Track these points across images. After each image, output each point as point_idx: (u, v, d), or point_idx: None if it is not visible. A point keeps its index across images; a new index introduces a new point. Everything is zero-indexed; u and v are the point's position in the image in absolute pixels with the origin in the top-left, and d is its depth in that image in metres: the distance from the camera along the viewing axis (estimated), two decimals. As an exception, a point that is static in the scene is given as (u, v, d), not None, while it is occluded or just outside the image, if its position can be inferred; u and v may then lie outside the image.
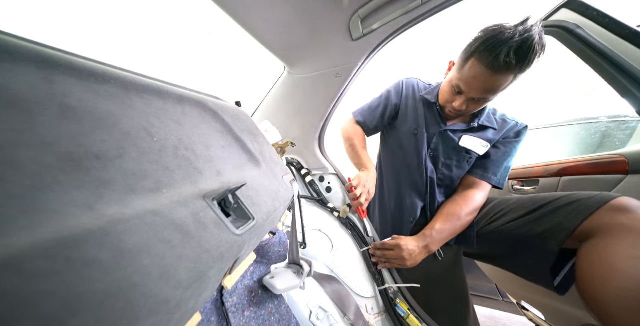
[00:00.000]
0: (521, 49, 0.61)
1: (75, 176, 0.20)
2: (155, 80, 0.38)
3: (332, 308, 0.81)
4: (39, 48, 0.24)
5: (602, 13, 0.72)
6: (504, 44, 0.62)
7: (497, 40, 0.63)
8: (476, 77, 0.69)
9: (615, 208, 0.58)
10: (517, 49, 0.61)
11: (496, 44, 0.63)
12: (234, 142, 0.49)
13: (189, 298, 0.25)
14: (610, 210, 0.58)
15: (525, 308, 1.02)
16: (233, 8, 0.82)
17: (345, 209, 1.09)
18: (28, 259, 0.15)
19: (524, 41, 0.61)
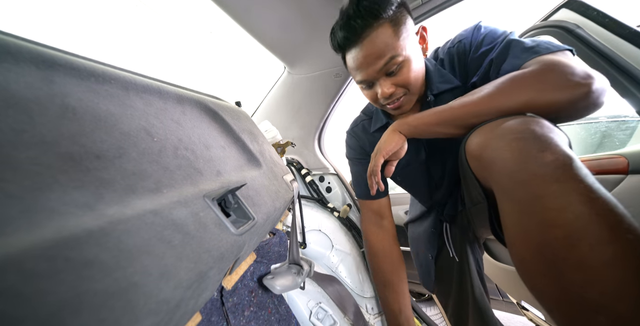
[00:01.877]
0: (351, 17, 0.55)
1: (75, 176, 0.20)
2: (155, 80, 0.38)
3: (332, 308, 0.81)
4: (39, 48, 0.24)
5: (602, 13, 0.72)
6: (344, 21, 0.57)
7: (340, 25, 0.58)
8: (356, 59, 0.59)
9: (471, 157, 0.47)
10: (353, 17, 0.55)
11: (342, 25, 0.57)
12: (234, 142, 0.49)
13: (189, 298, 0.26)
14: (471, 160, 0.47)
15: (525, 308, 1.02)
16: (233, 8, 0.82)
17: (345, 209, 1.09)
18: (28, 259, 0.15)
19: (347, 14, 0.56)
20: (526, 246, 0.37)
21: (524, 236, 0.38)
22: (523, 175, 0.37)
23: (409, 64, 0.58)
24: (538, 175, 0.36)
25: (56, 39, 1.60)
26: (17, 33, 0.24)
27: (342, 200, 1.17)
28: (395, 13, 0.55)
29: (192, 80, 2.47)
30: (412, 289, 1.70)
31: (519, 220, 0.38)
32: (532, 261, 0.37)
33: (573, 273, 0.31)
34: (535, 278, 0.37)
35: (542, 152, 0.37)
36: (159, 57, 2.28)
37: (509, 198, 0.40)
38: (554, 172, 0.35)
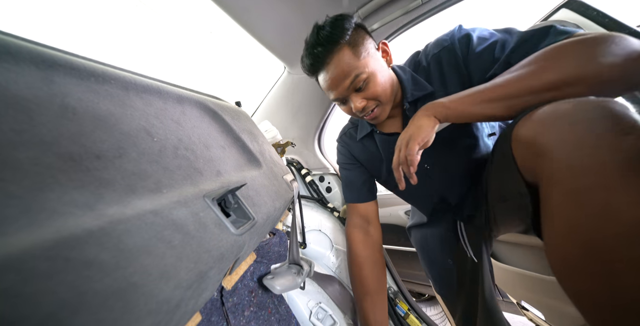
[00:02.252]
0: (313, 46, 0.61)
1: (75, 176, 0.20)
2: (155, 80, 0.38)
3: (332, 308, 0.81)
4: (39, 48, 0.24)
5: (602, 13, 0.72)
6: (308, 51, 0.63)
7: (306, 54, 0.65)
8: (325, 81, 0.64)
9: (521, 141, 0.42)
10: (314, 45, 0.61)
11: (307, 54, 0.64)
12: (234, 142, 0.49)
13: (189, 298, 0.25)
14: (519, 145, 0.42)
15: (525, 308, 1.02)
16: (233, 8, 0.82)
17: (345, 209, 1.09)
18: (28, 259, 0.15)
19: (310, 44, 0.63)
20: (576, 242, 0.33)
21: (575, 230, 0.33)
22: (588, 161, 0.32)
23: (374, 78, 0.61)
24: (610, 162, 0.31)
25: (56, 39, 1.60)
26: (17, 33, 0.24)
27: (342, 200, 1.17)
28: (352, 36, 0.60)
29: (192, 80, 2.47)
30: (412, 289, 1.70)
31: (572, 212, 0.34)
32: (581, 259, 0.33)
33: (628, 276, 0.28)
34: (581, 278, 0.33)
35: (624, 135, 0.31)
36: (159, 57, 2.28)
37: (563, 188, 0.35)
38: (632, 160, 0.30)
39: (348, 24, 0.61)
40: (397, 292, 1.00)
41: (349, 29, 0.60)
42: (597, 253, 0.31)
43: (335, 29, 0.60)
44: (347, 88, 0.62)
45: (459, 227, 0.82)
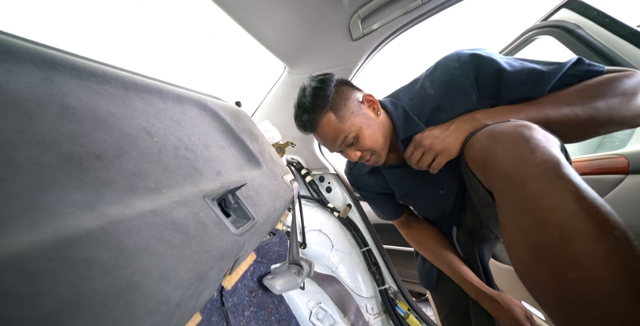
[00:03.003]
0: (300, 112, 0.69)
1: (76, 176, 0.20)
2: (155, 80, 0.38)
3: (332, 308, 0.81)
4: (39, 48, 0.24)
5: (602, 13, 0.72)
6: (295, 116, 0.72)
7: (295, 120, 0.73)
8: (319, 141, 0.72)
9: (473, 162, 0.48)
10: (300, 113, 0.69)
11: (297, 121, 0.72)
12: (234, 142, 0.49)
13: (189, 298, 0.25)
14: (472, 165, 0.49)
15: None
16: (233, 8, 0.82)
17: (345, 209, 1.09)
18: (28, 259, 0.15)
19: (298, 107, 0.70)
20: (524, 245, 0.38)
21: (521, 235, 0.39)
22: (518, 176, 0.39)
23: (362, 134, 0.65)
24: (531, 175, 0.38)
25: (56, 39, 1.60)
26: (17, 33, 0.24)
27: (342, 200, 1.17)
28: (334, 100, 0.64)
29: (192, 80, 2.47)
30: (412, 289, 1.70)
31: (516, 220, 0.39)
32: (529, 260, 0.37)
33: (570, 271, 0.32)
34: (533, 277, 0.37)
35: (532, 154, 0.39)
36: (159, 57, 2.28)
37: (507, 199, 0.41)
38: (545, 172, 0.37)
39: (328, 89, 0.65)
40: (397, 292, 1.00)
41: (329, 95, 0.64)
42: (542, 254, 0.35)
43: (316, 99, 0.65)
44: (339, 146, 0.68)
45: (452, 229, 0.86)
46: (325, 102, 0.64)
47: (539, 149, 0.39)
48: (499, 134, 0.45)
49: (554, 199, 0.35)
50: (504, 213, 0.42)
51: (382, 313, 0.97)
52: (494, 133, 0.46)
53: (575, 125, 0.52)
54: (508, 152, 0.41)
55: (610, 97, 0.50)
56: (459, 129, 0.57)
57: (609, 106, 0.49)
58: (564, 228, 0.33)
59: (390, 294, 0.97)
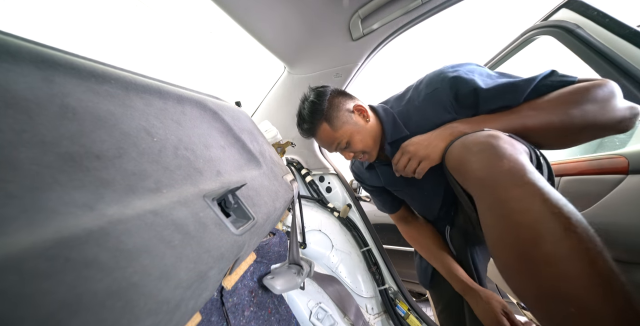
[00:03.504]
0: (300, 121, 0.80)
1: (76, 176, 0.20)
2: (155, 80, 0.38)
3: (332, 308, 0.81)
4: (39, 48, 0.24)
5: (602, 13, 0.72)
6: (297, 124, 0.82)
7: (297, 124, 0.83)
8: (319, 144, 0.84)
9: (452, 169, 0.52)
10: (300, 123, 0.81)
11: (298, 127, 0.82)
12: (234, 142, 0.49)
13: (189, 298, 0.25)
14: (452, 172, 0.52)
15: (525, 308, 1.02)
16: (233, 8, 0.82)
17: (345, 209, 1.09)
18: (28, 259, 0.15)
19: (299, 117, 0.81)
20: (502, 247, 0.41)
21: (499, 237, 0.42)
22: (489, 182, 0.42)
23: (353, 139, 0.75)
24: (500, 181, 0.41)
25: (56, 39, 1.60)
26: (17, 33, 0.24)
27: (342, 200, 1.17)
28: (327, 112, 0.75)
29: (192, 80, 2.47)
30: (411, 289, 1.70)
31: (493, 223, 0.42)
32: (508, 260, 0.40)
33: (544, 268, 0.35)
34: (514, 276, 0.40)
35: (500, 161, 0.42)
36: (159, 57, 2.28)
37: (483, 204, 0.44)
38: (512, 179, 0.40)
39: (323, 104, 0.75)
40: (397, 292, 1.00)
41: (324, 108, 0.75)
42: (518, 255, 0.38)
43: (312, 112, 0.76)
44: (335, 149, 0.80)
45: (446, 229, 0.91)
46: (320, 114, 0.75)
47: (505, 157, 0.42)
48: (471, 144, 0.48)
49: (523, 202, 0.38)
50: (482, 217, 0.45)
51: (382, 313, 0.97)
52: (467, 143, 0.50)
53: (552, 131, 0.56)
54: (479, 161, 0.45)
55: (583, 104, 0.53)
56: (441, 137, 0.63)
57: (582, 113, 0.53)
58: (534, 228, 0.36)
59: (390, 294, 0.97)
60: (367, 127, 0.77)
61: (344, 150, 0.79)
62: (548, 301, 0.34)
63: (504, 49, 1.02)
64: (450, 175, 0.55)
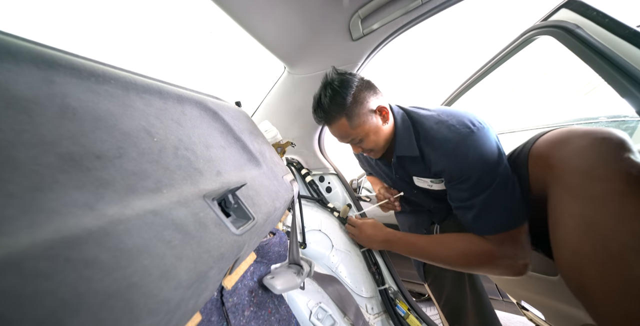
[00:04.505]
0: (317, 107, 0.75)
1: (76, 176, 0.20)
2: (155, 80, 0.38)
3: (332, 308, 0.81)
4: (39, 48, 0.24)
5: (602, 13, 0.72)
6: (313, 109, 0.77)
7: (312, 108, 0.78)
8: (330, 132, 0.81)
9: (538, 156, 0.53)
10: (315, 109, 0.76)
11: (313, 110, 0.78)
12: (234, 142, 0.49)
13: (189, 298, 0.25)
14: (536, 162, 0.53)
15: (525, 308, 1.02)
16: (233, 8, 0.82)
17: (345, 209, 1.09)
18: (28, 259, 0.15)
19: (316, 103, 0.75)
20: (588, 238, 0.39)
21: (588, 228, 0.40)
22: (605, 171, 0.40)
23: (367, 139, 0.75)
24: (622, 173, 0.39)
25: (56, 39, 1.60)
26: (17, 33, 0.24)
27: (342, 200, 1.17)
28: (349, 107, 0.70)
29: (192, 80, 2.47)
30: (411, 289, 1.70)
31: (583, 212, 0.41)
32: (592, 253, 0.38)
33: None
34: (590, 270, 0.38)
35: (627, 153, 0.40)
36: (159, 57, 2.28)
37: (576, 193, 0.42)
38: (636, 174, 0.38)
39: (347, 97, 0.69)
40: (397, 292, 1.00)
41: (347, 103, 0.70)
42: (610, 248, 0.36)
43: (333, 103, 0.70)
44: (346, 142, 0.80)
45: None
46: (342, 108, 0.70)
47: (632, 152, 0.42)
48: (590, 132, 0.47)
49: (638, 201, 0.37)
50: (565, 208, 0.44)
51: (382, 313, 0.97)
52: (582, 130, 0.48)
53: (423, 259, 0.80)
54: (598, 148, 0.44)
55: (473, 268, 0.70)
56: (379, 241, 0.91)
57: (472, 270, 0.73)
58: None
59: (390, 294, 0.97)
60: (383, 128, 0.76)
61: (354, 145, 0.80)
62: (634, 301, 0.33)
63: (504, 49, 1.02)
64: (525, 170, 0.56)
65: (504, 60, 1.04)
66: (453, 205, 0.70)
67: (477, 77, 1.16)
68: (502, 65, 1.07)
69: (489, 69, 1.10)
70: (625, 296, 0.34)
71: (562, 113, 3.13)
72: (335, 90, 0.70)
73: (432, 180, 0.78)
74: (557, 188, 0.46)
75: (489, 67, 1.09)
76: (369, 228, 0.94)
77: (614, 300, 0.35)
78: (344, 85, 0.70)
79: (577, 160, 0.44)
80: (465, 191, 0.64)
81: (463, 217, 0.68)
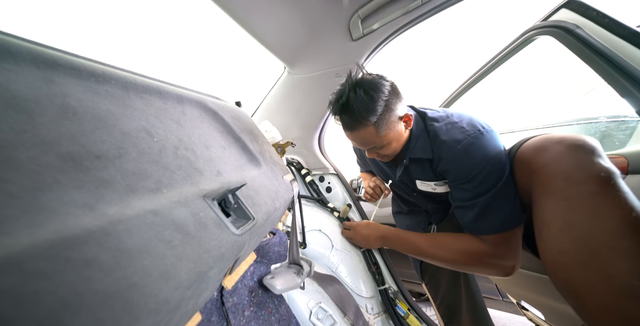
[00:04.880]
0: (344, 110, 0.66)
1: (76, 176, 0.20)
2: (155, 80, 0.38)
3: (332, 308, 0.81)
4: (39, 48, 0.24)
5: (602, 13, 0.72)
6: (336, 110, 0.68)
7: (333, 107, 0.69)
8: (347, 136, 0.74)
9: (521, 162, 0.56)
10: (341, 110, 0.67)
11: (334, 112, 0.70)
12: (234, 142, 0.49)
13: (189, 298, 0.25)
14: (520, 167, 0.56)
15: (525, 308, 1.02)
16: (233, 8, 0.82)
17: (345, 209, 1.09)
18: (28, 259, 0.15)
19: (343, 105, 0.65)
20: (570, 238, 0.42)
21: (569, 229, 0.43)
22: (581, 175, 0.44)
23: (388, 147, 0.72)
24: (595, 176, 0.42)
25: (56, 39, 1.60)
26: (17, 33, 0.24)
27: (343, 200, 1.17)
28: (380, 116, 0.65)
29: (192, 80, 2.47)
30: (411, 289, 1.70)
31: (564, 214, 0.44)
32: (575, 252, 0.41)
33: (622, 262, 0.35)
34: (574, 268, 0.41)
35: (597, 158, 0.44)
36: (159, 57, 2.28)
37: (558, 196, 0.46)
38: (608, 176, 0.41)
39: (379, 104, 0.63)
40: (397, 292, 1.00)
41: (378, 111, 0.64)
42: (590, 246, 0.39)
43: (364, 109, 0.63)
44: (364, 149, 0.75)
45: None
46: (372, 116, 0.64)
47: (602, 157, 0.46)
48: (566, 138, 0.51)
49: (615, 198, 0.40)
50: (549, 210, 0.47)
51: (382, 313, 0.97)
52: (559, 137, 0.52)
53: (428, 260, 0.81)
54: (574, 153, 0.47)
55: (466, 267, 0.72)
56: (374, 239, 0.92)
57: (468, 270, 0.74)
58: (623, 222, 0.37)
59: (390, 294, 0.97)
60: (403, 135, 0.74)
61: (371, 150, 0.75)
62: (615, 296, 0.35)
63: (504, 49, 1.02)
64: None
65: (504, 60, 1.04)
66: (454, 204, 0.71)
67: (477, 77, 1.16)
68: (502, 65, 1.07)
69: (489, 69, 1.10)
70: (605, 291, 0.36)
71: (562, 113, 3.13)
72: (368, 95, 0.63)
73: (435, 183, 0.78)
74: (540, 191, 0.49)
75: (489, 67, 1.09)
76: (364, 228, 0.96)
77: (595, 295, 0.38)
78: (376, 89, 0.64)
79: (555, 165, 0.47)
80: (469, 191, 0.65)
81: (463, 216, 0.69)
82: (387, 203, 1.61)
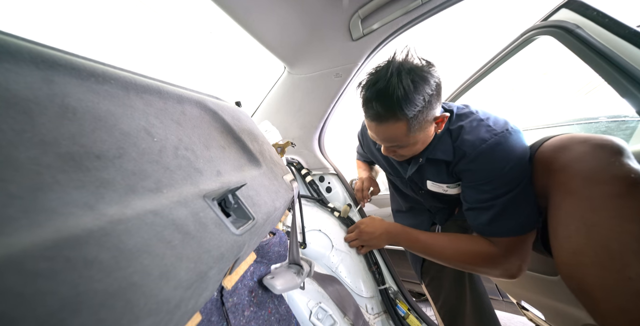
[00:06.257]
0: (379, 97, 0.56)
1: (76, 176, 0.20)
2: (155, 80, 0.38)
3: (332, 308, 0.81)
4: (39, 48, 0.24)
5: (602, 13, 0.72)
6: (369, 94, 0.58)
7: (366, 90, 0.59)
8: (370, 128, 0.65)
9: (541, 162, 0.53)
10: (376, 96, 0.57)
11: (365, 96, 0.59)
12: (234, 142, 0.49)
13: (189, 298, 0.26)
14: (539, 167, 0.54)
15: (525, 308, 1.02)
16: (233, 8, 0.82)
17: (346, 209, 1.09)
18: (29, 259, 0.15)
19: (380, 90, 0.56)
20: (588, 239, 0.41)
21: (587, 230, 0.41)
22: (604, 175, 0.42)
23: (412, 146, 0.66)
24: (620, 177, 0.41)
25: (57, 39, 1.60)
26: (17, 33, 0.24)
27: (343, 200, 1.17)
28: (418, 113, 0.56)
29: (192, 80, 2.47)
30: (411, 289, 1.70)
31: (584, 214, 0.42)
32: (592, 253, 0.40)
33: None
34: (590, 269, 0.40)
35: (625, 159, 0.42)
36: (159, 57, 2.28)
37: (578, 196, 0.44)
38: (634, 178, 0.40)
39: (422, 99, 0.55)
40: (397, 292, 1.00)
41: (419, 106, 0.55)
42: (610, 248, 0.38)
43: (403, 101, 0.54)
44: (384, 145, 0.68)
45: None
46: (410, 110, 0.55)
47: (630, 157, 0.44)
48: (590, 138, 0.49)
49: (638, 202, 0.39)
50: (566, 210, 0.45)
51: (382, 313, 0.97)
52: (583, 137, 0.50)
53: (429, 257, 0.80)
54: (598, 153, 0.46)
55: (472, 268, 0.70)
56: (385, 238, 0.88)
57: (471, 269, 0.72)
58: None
59: (390, 294, 0.97)
60: (430, 137, 0.68)
61: (389, 147, 0.68)
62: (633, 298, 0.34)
63: (504, 49, 1.02)
64: None
65: (504, 60, 1.04)
66: (467, 205, 0.68)
67: (477, 77, 1.16)
68: (503, 65, 1.07)
69: (489, 68, 1.10)
70: (624, 293, 0.35)
71: (562, 113, 3.13)
72: (416, 85, 0.54)
73: (448, 186, 0.75)
74: (559, 191, 0.48)
75: (489, 67, 1.09)
76: (367, 226, 0.93)
77: (613, 297, 0.37)
78: (424, 79, 0.55)
79: (578, 165, 0.45)
80: (488, 192, 0.62)
81: (476, 218, 0.66)
82: (387, 203, 1.61)
